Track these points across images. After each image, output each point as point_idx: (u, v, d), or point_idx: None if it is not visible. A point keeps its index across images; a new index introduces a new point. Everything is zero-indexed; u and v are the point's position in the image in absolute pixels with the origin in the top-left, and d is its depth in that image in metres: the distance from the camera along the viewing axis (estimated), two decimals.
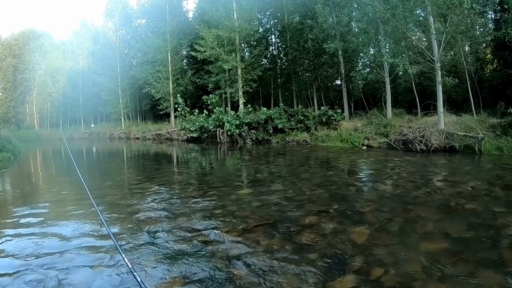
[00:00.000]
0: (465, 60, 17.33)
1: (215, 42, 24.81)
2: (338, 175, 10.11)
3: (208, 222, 5.77)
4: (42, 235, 5.48)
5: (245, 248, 4.60)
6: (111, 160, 20.05)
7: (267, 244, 4.72)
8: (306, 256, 4.26)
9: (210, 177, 11.14)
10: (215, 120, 23.92)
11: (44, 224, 6.06)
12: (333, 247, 4.52)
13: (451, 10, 13.13)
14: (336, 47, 20.54)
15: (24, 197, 9.09)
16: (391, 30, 16.13)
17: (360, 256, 4.21)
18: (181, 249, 4.66)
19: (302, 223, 5.51)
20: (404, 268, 3.87)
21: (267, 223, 5.61)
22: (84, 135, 47.15)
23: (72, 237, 5.32)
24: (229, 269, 4.03)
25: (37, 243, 5.09)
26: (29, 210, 7.07)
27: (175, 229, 5.46)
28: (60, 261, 4.40)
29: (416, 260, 4.03)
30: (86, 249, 4.76)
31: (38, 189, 10.79)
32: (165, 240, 4.99)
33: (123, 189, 9.36)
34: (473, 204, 6.24)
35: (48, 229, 5.80)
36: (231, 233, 5.17)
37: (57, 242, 5.15)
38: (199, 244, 4.80)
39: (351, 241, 4.70)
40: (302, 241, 4.75)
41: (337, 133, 18.63)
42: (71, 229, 5.71)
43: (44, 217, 6.55)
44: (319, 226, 5.32)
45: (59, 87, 52.84)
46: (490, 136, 12.86)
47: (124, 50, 43.91)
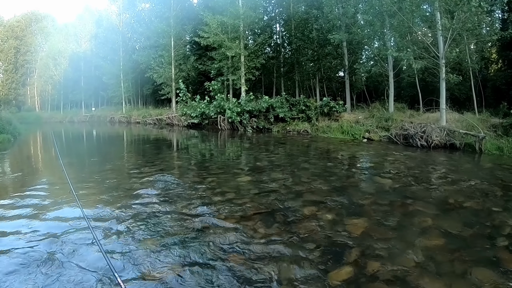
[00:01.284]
0: (470, 58, 17.20)
1: (219, 28, 24.62)
2: (338, 167, 10.10)
3: (206, 208, 5.80)
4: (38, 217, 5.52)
5: (243, 235, 4.63)
6: (111, 144, 20.09)
7: (264, 232, 4.75)
8: (304, 246, 4.28)
9: (210, 164, 11.15)
10: (216, 107, 23.86)
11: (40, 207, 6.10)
12: (331, 238, 4.54)
13: (459, 7, 12.98)
14: (341, 39, 20.37)
15: (23, 180, 9.12)
16: (397, 24, 16.00)
17: (357, 248, 4.23)
18: (179, 234, 4.69)
19: (301, 213, 5.53)
20: (400, 262, 3.88)
21: (266, 211, 5.64)
22: (84, 118, 47.20)
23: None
24: (227, 256, 4.06)
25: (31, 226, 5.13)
26: (28, 192, 7.10)
27: (173, 215, 5.49)
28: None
29: (412, 255, 4.05)
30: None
31: (37, 171, 10.82)
32: (163, 225, 5.02)
33: (122, 174, 9.37)
34: (471, 202, 6.24)
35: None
36: (229, 220, 5.21)
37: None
38: (197, 230, 4.83)
39: (348, 232, 4.71)
40: (300, 231, 4.77)
41: (338, 125, 18.57)
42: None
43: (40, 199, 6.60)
44: (317, 217, 5.33)
45: (60, 69, 52.82)
46: (491, 136, 12.79)
47: (127, 34, 43.71)
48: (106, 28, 45.17)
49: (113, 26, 43.35)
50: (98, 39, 47.15)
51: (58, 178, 8.67)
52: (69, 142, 22.48)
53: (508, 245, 4.39)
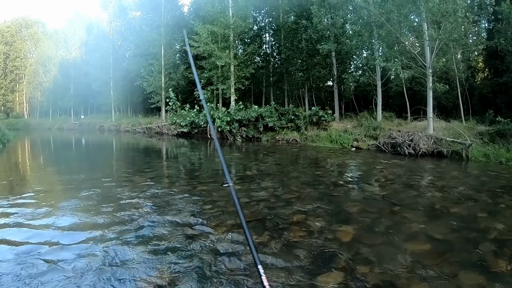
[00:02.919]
0: (456, 67, 17.52)
1: (210, 38, 24.72)
2: (326, 175, 10.20)
3: (197, 217, 5.83)
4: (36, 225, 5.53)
5: (234, 243, 4.66)
6: (101, 152, 19.97)
7: (256, 240, 4.77)
8: (294, 253, 4.34)
9: (200, 172, 11.21)
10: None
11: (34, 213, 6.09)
12: (320, 244, 4.60)
13: (445, 17, 13.29)
14: (329, 49, 20.63)
15: (13, 187, 9.07)
16: (385, 34, 16.27)
17: (346, 254, 4.30)
18: (171, 242, 4.71)
19: (291, 221, 5.60)
20: (389, 267, 3.96)
21: (256, 219, 5.69)
22: (74, 126, 46.74)
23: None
24: (218, 264, 4.09)
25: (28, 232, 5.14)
26: (18, 200, 7.09)
27: (164, 223, 5.52)
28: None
29: (401, 260, 4.14)
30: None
31: (27, 179, 10.74)
32: (155, 233, 5.04)
33: (112, 182, 9.33)
34: (458, 208, 6.38)
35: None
36: (221, 228, 5.24)
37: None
38: (188, 238, 4.86)
39: (337, 239, 4.79)
40: (290, 238, 4.83)
41: (327, 134, 18.71)
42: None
43: (33, 206, 6.58)
44: (307, 224, 5.40)
45: (50, 76, 52.40)
46: (477, 143, 13.05)
47: (117, 42, 43.54)
48: (96, 35, 44.96)
49: (104, 34, 43.22)
50: (88, 46, 46.87)
51: (50, 184, 8.68)
52: (59, 150, 22.35)
53: (494, 249, 4.50)
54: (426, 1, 13.51)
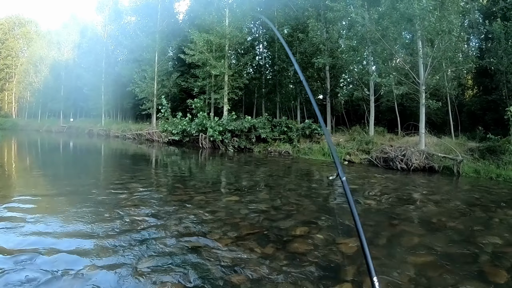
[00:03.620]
0: (447, 84, 17.89)
1: (205, 46, 24.84)
2: (323, 188, 10.31)
3: (199, 228, 5.83)
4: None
5: (240, 255, 4.67)
6: (91, 157, 19.85)
7: (261, 252, 4.81)
8: (301, 265, 4.38)
9: (195, 182, 11.14)
10: (198, 124, 23.87)
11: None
12: (326, 257, 4.66)
13: (440, 36, 13.62)
14: (324, 62, 20.89)
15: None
16: (380, 50, 16.55)
17: (352, 266, 4.37)
18: (173, 254, 4.69)
19: (293, 233, 5.64)
20: (394, 278, 4.04)
21: (259, 232, 5.72)
22: (62, 129, 46.30)
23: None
24: (224, 277, 4.09)
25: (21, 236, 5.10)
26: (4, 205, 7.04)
27: (165, 234, 5.48)
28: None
29: (404, 272, 4.24)
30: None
31: (13, 183, 10.64)
32: (156, 244, 5.00)
33: (106, 189, 9.24)
34: (454, 221, 6.53)
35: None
36: (224, 240, 5.23)
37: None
38: (192, 250, 4.85)
39: (342, 252, 4.86)
40: (295, 250, 4.88)
41: (319, 147, 18.84)
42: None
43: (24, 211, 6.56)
44: (309, 236, 5.46)
45: (41, 77, 52.04)
46: (468, 159, 13.30)
47: (111, 46, 43.43)
48: (90, 39, 44.74)
49: (98, 37, 43.09)
50: (81, 49, 46.65)
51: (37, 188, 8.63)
52: (46, 153, 22.13)
53: (491, 260, 4.70)
54: (422, 20, 13.83)
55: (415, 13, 13.78)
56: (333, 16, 19.20)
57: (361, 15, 16.85)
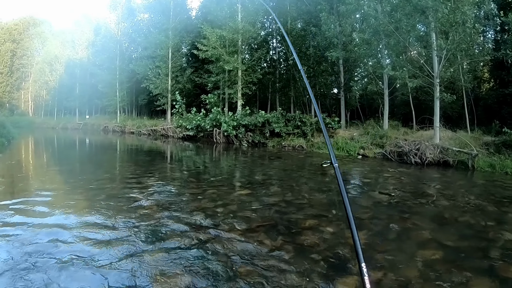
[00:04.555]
0: (463, 77, 17.59)
1: (218, 42, 24.86)
2: (335, 182, 10.26)
3: (210, 220, 5.90)
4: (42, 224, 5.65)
5: (249, 247, 4.75)
6: (106, 153, 20.12)
7: (270, 244, 4.87)
8: (309, 257, 4.42)
9: (208, 176, 11.28)
10: (212, 120, 24.01)
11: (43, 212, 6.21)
12: (334, 249, 4.69)
13: (454, 28, 13.40)
14: (337, 56, 20.75)
15: (18, 186, 9.20)
16: (393, 43, 16.37)
17: None
18: (185, 245, 4.78)
19: (303, 226, 5.69)
20: (402, 272, 4.05)
21: (269, 224, 5.78)
22: (78, 126, 46.96)
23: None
24: (235, 267, 4.16)
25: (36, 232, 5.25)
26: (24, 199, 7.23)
27: (177, 226, 5.58)
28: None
29: (413, 266, 4.23)
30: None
31: (32, 178, 10.87)
32: (168, 236, 5.11)
33: (120, 183, 9.48)
34: (466, 216, 6.46)
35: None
36: (234, 232, 5.32)
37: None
38: (203, 242, 4.93)
39: (351, 244, 4.85)
40: (304, 243, 4.92)
41: (333, 141, 18.71)
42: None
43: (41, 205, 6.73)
44: (319, 229, 5.48)
45: (56, 75, 52.79)
46: (483, 153, 13.09)
47: (124, 44, 43.84)
48: (103, 36, 45.11)
49: (111, 35, 43.43)
50: (95, 47, 47.13)
51: (54, 182, 8.82)
52: (62, 149, 22.51)
53: (503, 256, 4.60)
54: (435, 11, 13.63)
55: (428, 4, 13.59)
56: (346, 9, 19.06)
57: (373, 8, 16.70)
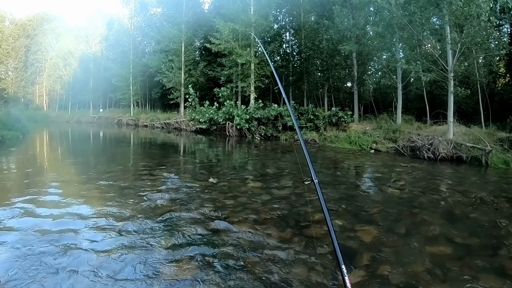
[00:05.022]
0: (478, 72, 17.31)
1: (231, 35, 24.87)
2: (346, 176, 10.30)
3: (220, 212, 5.98)
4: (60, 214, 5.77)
5: (258, 239, 4.80)
6: (120, 146, 20.30)
7: (278, 236, 4.93)
8: (316, 250, 4.45)
9: (220, 168, 11.35)
10: (225, 113, 24.10)
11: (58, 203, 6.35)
12: (342, 243, 4.70)
13: (469, 21, 13.17)
14: (350, 49, 20.59)
15: (33, 177, 9.37)
16: (407, 36, 16.18)
17: (367, 253, 4.40)
18: (194, 236, 4.86)
19: (311, 219, 5.70)
20: (409, 268, 4.05)
21: (278, 217, 5.82)
22: (92, 119, 47.51)
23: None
24: (242, 258, 4.22)
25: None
26: (40, 190, 7.40)
27: (187, 217, 5.67)
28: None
29: (421, 261, 4.22)
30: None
31: (47, 170, 11.09)
32: (177, 227, 5.19)
33: (133, 175, 9.60)
34: (477, 213, 6.39)
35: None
36: (244, 224, 5.39)
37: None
38: (212, 233, 5.00)
39: (358, 238, 4.90)
40: (312, 236, 4.94)
41: (346, 135, 18.69)
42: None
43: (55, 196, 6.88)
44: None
45: (70, 70, 53.52)
46: (497, 150, 12.84)
47: (137, 38, 44.16)
48: (117, 31, 45.57)
49: (124, 29, 43.81)
50: (108, 41, 47.64)
51: (69, 174, 8.98)
52: (77, 142, 22.83)
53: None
54: (449, 4, 13.39)
55: None
56: (359, 1, 18.91)
57: (387, 1, 16.45)
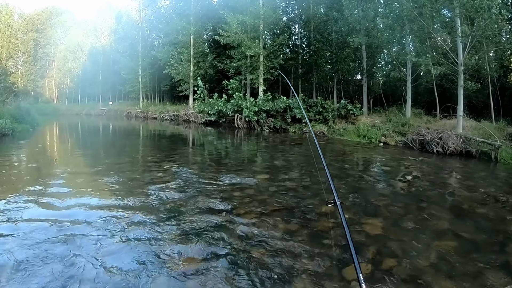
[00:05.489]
0: (488, 65, 17.08)
1: (239, 27, 24.83)
2: (354, 169, 10.28)
3: (227, 203, 6.00)
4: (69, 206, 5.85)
5: (264, 230, 4.82)
6: (129, 138, 20.46)
7: (284, 228, 4.95)
8: (322, 242, 4.47)
9: (228, 160, 11.43)
10: (234, 105, 24.12)
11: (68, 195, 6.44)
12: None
13: (479, 14, 12.97)
14: (360, 42, 20.45)
15: (44, 169, 9.50)
16: (417, 28, 16.01)
17: (374, 246, 4.41)
18: (200, 227, 4.89)
19: (318, 211, 5.73)
20: (415, 262, 4.04)
21: (284, 208, 5.85)
22: (101, 112, 47.88)
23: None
24: (248, 249, 4.25)
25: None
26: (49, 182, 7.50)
27: (195, 208, 5.71)
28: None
29: (427, 256, 4.21)
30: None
31: (56, 161, 11.24)
32: (185, 218, 5.23)
33: (142, 167, 9.71)
34: (485, 209, 6.32)
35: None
36: (250, 215, 5.41)
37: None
38: (218, 224, 5.03)
39: (365, 231, 4.90)
40: (319, 228, 4.97)
41: (355, 128, 18.62)
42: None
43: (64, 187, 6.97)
44: (335, 215, 5.50)
45: (79, 63, 53.92)
46: (507, 145, 12.67)
47: (146, 30, 44.31)
48: (125, 24, 45.74)
49: (133, 22, 43.95)
50: (117, 34, 47.84)
51: (78, 166, 9.08)
52: (86, 134, 23.03)
53: None
54: None
55: None
56: None
57: None
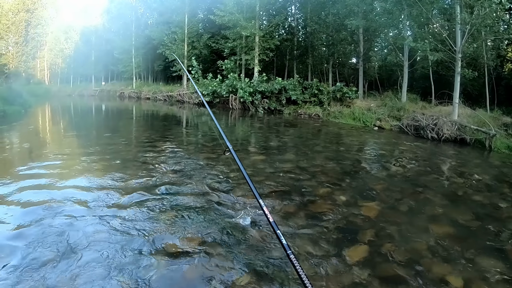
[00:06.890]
0: (486, 54, 17.02)
1: (235, 7, 24.46)
2: (350, 152, 10.25)
3: (223, 184, 5.99)
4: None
5: (260, 212, 4.73)
6: (122, 118, 20.31)
7: (282, 210, 4.94)
8: (320, 224, 4.48)
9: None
10: (228, 86, 23.91)
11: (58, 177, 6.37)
12: (346, 218, 4.73)
13: (480, 2, 12.87)
14: (357, 25, 20.25)
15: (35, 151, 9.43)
16: (415, 14, 15.86)
17: (371, 229, 4.43)
18: (196, 209, 4.86)
19: (316, 193, 5.73)
20: (412, 245, 4.08)
21: (282, 190, 5.83)
22: (94, 93, 47.30)
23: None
24: (245, 231, 4.24)
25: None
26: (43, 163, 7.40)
27: (190, 190, 5.67)
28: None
29: (423, 240, 4.24)
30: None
31: (48, 143, 11.13)
32: (180, 200, 5.20)
33: (136, 147, 9.64)
34: (480, 196, 6.35)
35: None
36: (247, 197, 5.37)
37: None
38: (214, 205, 5.01)
39: (362, 214, 4.91)
40: (316, 210, 4.97)
41: (350, 111, 18.58)
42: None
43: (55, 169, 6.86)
44: (332, 198, 5.52)
45: (71, 43, 53.12)
46: (501, 134, 12.72)
47: (140, 10, 43.42)
48: (119, 3, 44.64)
49: (126, 1, 43.00)
50: (110, 14, 46.84)
51: (72, 147, 8.98)
52: (79, 115, 22.78)
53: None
54: None
55: None
56: None
57: None
